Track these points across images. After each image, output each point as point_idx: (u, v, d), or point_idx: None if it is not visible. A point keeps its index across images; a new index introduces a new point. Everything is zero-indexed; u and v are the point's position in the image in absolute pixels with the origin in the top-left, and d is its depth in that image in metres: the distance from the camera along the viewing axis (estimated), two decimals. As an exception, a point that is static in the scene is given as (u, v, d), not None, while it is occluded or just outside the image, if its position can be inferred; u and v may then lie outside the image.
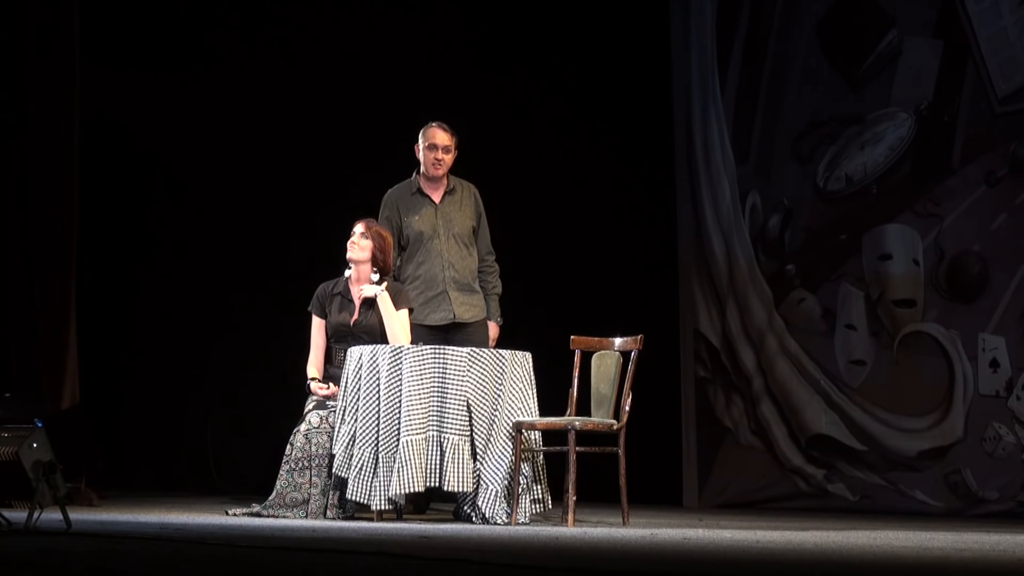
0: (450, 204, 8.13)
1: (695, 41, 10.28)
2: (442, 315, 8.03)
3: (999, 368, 8.81)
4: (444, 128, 8.11)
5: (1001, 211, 8.85)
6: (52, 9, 9.03)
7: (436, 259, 8.05)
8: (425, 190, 8.13)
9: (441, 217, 8.09)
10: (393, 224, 8.08)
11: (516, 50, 10.42)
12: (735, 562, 5.13)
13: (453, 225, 8.10)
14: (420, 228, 8.06)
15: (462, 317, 8.05)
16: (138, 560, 5.01)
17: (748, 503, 9.71)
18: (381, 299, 7.79)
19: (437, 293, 8.03)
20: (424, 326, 7.99)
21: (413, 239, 8.06)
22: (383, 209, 8.16)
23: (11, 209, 9.03)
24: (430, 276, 8.03)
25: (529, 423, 7.29)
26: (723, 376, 10.03)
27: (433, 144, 8.09)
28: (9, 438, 6.23)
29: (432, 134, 8.11)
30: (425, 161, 8.11)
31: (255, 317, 10.27)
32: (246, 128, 10.28)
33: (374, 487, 7.20)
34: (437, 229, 8.08)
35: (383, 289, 7.79)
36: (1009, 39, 8.91)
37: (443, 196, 8.13)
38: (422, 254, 8.06)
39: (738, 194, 10.01)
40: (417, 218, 8.07)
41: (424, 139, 8.12)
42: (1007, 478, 8.73)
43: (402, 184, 8.21)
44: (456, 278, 8.06)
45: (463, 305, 8.06)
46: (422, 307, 8.01)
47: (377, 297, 7.80)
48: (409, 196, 8.13)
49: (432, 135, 8.11)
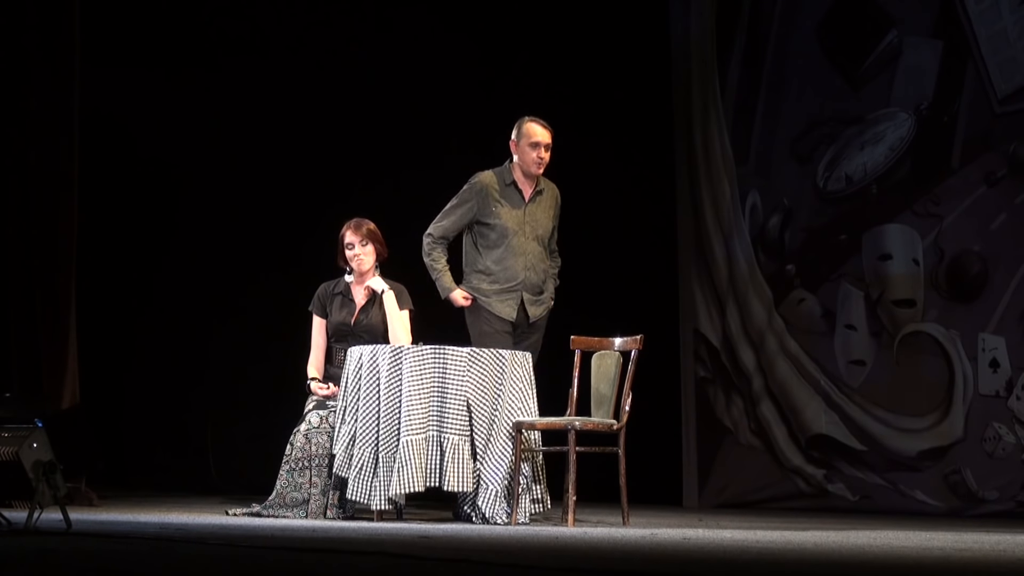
0: (537, 204, 7.97)
1: (695, 41, 10.28)
2: (509, 311, 7.90)
3: (999, 368, 8.81)
4: (544, 125, 7.91)
5: (1001, 211, 8.85)
6: (52, 9, 9.03)
7: (519, 258, 7.90)
8: (519, 184, 7.94)
9: (528, 216, 7.94)
10: (472, 208, 7.90)
11: (516, 50, 10.43)
12: (735, 562, 5.13)
13: (538, 226, 7.96)
14: (506, 223, 7.88)
15: (534, 316, 7.96)
16: (138, 560, 5.01)
17: (748, 503, 9.71)
18: (387, 297, 7.80)
19: (510, 289, 7.90)
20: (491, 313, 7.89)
21: (498, 232, 7.89)
22: (468, 192, 7.92)
23: (11, 209, 9.03)
24: (510, 274, 7.90)
25: (529, 423, 7.29)
26: (723, 376, 10.03)
27: (536, 142, 7.87)
28: (9, 438, 6.23)
29: (534, 132, 7.89)
30: (525, 158, 7.89)
31: (255, 317, 10.27)
32: (246, 128, 10.29)
33: (374, 487, 7.20)
34: (523, 227, 7.92)
35: (389, 288, 7.81)
36: (1009, 39, 8.91)
37: (532, 195, 7.96)
38: (504, 251, 7.90)
39: (738, 194, 10.01)
40: (506, 211, 7.88)
41: (524, 135, 7.89)
42: (1007, 478, 8.72)
43: (495, 172, 7.97)
44: (533, 281, 7.94)
45: (533, 305, 7.96)
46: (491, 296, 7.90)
47: (383, 293, 7.80)
48: (503, 187, 7.92)
49: (534, 133, 7.88)
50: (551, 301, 8.08)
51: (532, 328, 7.99)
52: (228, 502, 8.33)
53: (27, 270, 8.98)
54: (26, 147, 9.02)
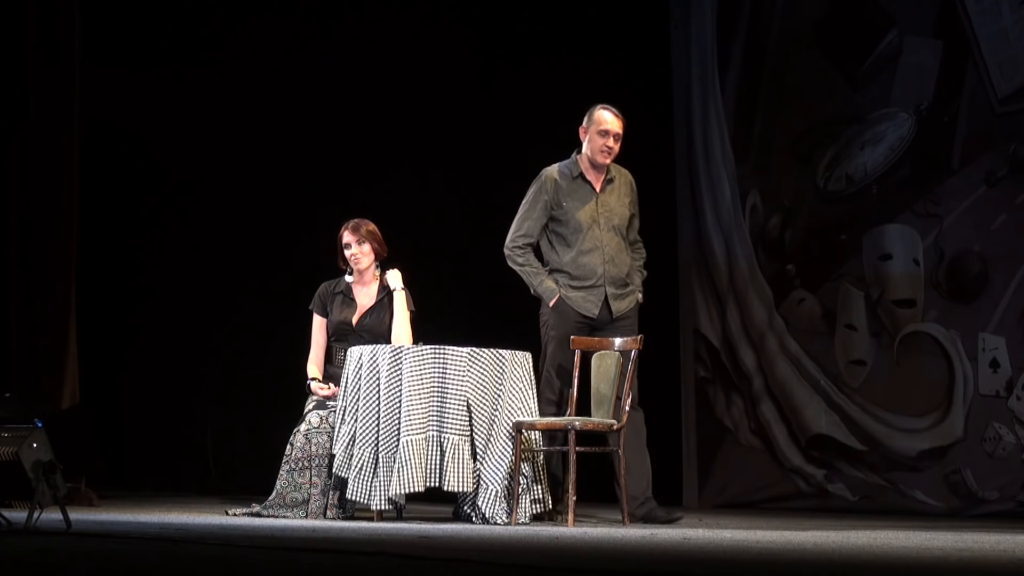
0: (609, 193, 7.70)
1: (695, 41, 10.28)
2: (592, 308, 7.64)
3: (999, 368, 8.81)
4: (616, 114, 7.65)
5: (1001, 211, 8.85)
6: (52, 9, 9.03)
7: (596, 253, 7.63)
8: (587, 175, 7.69)
9: (601, 206, 7.67)
10: (547, 205, 7.67)
11: (516, 50, 10.42)
12: (735, 562, 5.13)
13: (613, 216, 7.68)
14: (579, 217, 7.63)
15: (618, 311, 7.69)
16: (138, 560, 5.01)
17: (748, 503, 9.71)
18: (398, 296, 7.81)
19: (591, 286, 7.64)
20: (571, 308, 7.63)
21: (572, 227, 7.63)
22: (540, 188, 7.70)
23: (11, 210, 9.03)
24: (589, 270, 7.63)
25: (529, 423, 7.29)
26: (723, 376, 10.03)
27: (605, 131, 7.61)
28: (9, 438, 6.23)
29: (604, 119, 7.64)
30: (593, 146, 7.63)
31: (255, 317, 10.27)
32: (246, 128, 10.28)
33: (374, 487, 7.20)
34: (597, 219, 7.65)
35: (403, 287, 7.81)
36: (1009, 39, 8.91)
37: (603, 184, 7.70)
38: (581, 245, 7.64)
39: (738, 194, 10.01)
40: (576, 205, 7.64)
41: (594, 123, 7.65)
42: (1007, 478, 8.72)
43: (562, 165, 7.73)
44: (614, 275, 7.65)
45: (618, 299, 7.70)
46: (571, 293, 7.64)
47: (396, 292, 7.81)
48: (571, 180, 7.68)
49: (604, 120, 7.63)
50: (639, 294, 7.78)
51: (617, 324, 7.66)
52: (228, 502, 8.33)
53: (27, 270, 8.98)
54: (26, 147, 9.02)
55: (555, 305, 7.64)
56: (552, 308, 7.65)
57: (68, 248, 9.06)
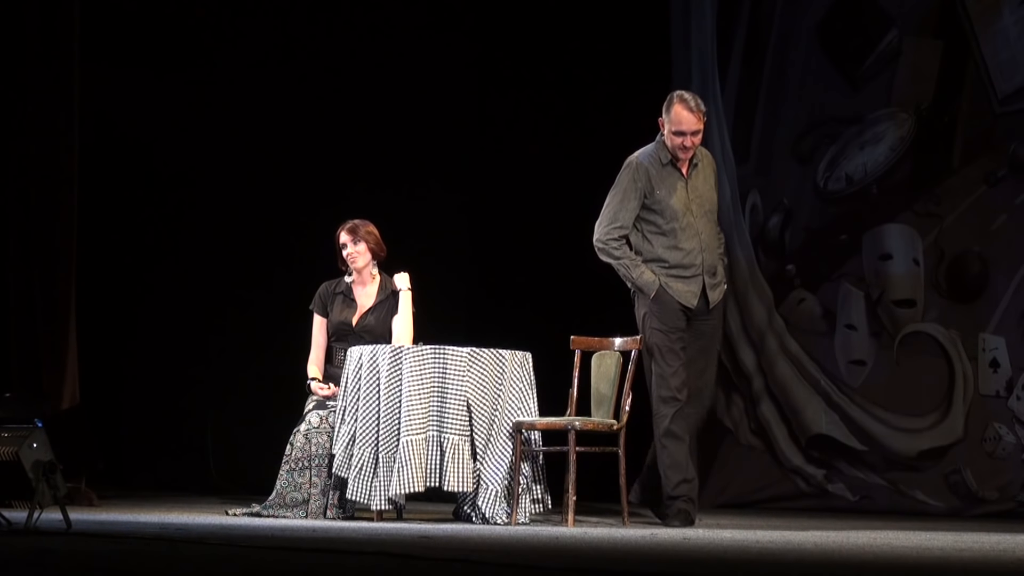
0: (696, 178, 7.43)
1: (695, 41, 10.27)
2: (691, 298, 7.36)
3: (999, 368, 8.81)
4: (691, 109, 7.29)
5: (1001, 211, 8.85)
6: (52, 8, 9.02)
7: (693, 241, 7.35)
8: (675, 161, 7.40)
9: (692, 191, 7.39)
10: (641, 193, 7.35)
11: (516, 50, 10.42)
12: (735, 562, 5.13)
13: (704, 201, 7.42)
14: (673, 204, 7.35)
15: (713, 301, 7.47)
16: (138, 560, 5.01)
17: (748, 503, 9.70)
18: (404, 297, 7.81)
19: (691, 276, 7.38)
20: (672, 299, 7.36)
21: (667, 215, 7.35)
22: (632, 176, 7.37)
23: (11, 209, 9.03)
24: (687, 260, 7.37)
25: (529, 423, 7.29)
26: (723, 376, 10.02)
27: (680, 131, 7.29)
28: (9, 438, 6.23)
29: (680, 118, 7.29)
30: (672, 144, 7.33)
31: (255, 317, 10.26)
32: (246, 127, 10.28)
33: (374, 487, 7.20)
34: (689, 206, 7.37)
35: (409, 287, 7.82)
36: (1009, 39, 8.91)
37: (688, 169, 7.40)
38: (676, 235, 7.36)
39: (738, 194, 10.00)
40: (668, 192, 7.35)
41: (671, 120, 7.32)
42: (1007, 478, 8.72)
43: (650, 151, 7.42)
44: (710, 262, 7.40)
45: (713, 289, 7.41)
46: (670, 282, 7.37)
47: (401, 292, 7.82)
48: (660, 167, 7.38)
49: (680, 119, 7.29)
50: (725, 283, 7.55)
51: (712, 314, 7.45)
52: (228, 502, 8.33)
53: (27, 270, 8.98)
54: (26, 146, 9.02)
55: (656, 296, 7.38)
56: (653, 300, 7.38)
57: (68, 248, 9.06)
